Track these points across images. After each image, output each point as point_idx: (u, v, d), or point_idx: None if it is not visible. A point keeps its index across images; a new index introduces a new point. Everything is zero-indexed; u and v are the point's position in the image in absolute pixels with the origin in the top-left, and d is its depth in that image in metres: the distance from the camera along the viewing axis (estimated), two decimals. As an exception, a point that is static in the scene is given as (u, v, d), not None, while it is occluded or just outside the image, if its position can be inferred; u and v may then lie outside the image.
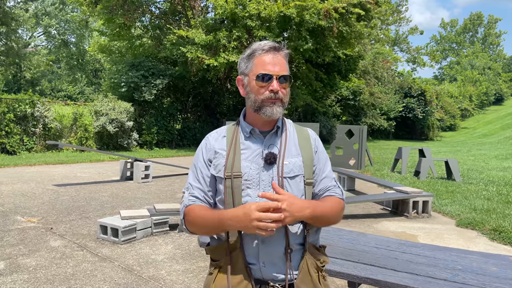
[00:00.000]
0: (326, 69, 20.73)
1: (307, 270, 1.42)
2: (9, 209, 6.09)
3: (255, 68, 1.45)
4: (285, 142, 1.48)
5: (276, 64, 1.44)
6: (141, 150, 16.48)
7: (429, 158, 10.69)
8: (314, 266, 1.44)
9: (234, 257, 1.40)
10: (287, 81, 1.46)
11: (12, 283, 3.50)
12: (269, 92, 1.42)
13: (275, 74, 1.42)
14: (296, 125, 1.59)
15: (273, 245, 1.39)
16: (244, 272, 1.39)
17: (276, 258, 1.40)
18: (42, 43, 41.73)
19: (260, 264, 1.40)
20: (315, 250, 1.47)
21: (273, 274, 1.40)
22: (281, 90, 1.44)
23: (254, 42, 1.55)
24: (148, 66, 17.41)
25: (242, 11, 14.97)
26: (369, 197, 7.18)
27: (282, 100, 1.45)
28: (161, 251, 4.44)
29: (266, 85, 1.43)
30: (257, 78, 1.43)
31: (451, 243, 5.05)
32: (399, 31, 49.11)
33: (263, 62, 1.44)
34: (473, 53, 74.07)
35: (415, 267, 2.37)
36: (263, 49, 1.46)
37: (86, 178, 9.21)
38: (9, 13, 15.47)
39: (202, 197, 1.49)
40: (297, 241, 1.43)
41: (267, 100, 1.43)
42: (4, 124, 13.20)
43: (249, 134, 1.49)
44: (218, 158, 1.48)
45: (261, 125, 1.49)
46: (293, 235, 1.41)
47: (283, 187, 1.41)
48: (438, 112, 37.83)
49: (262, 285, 1.41)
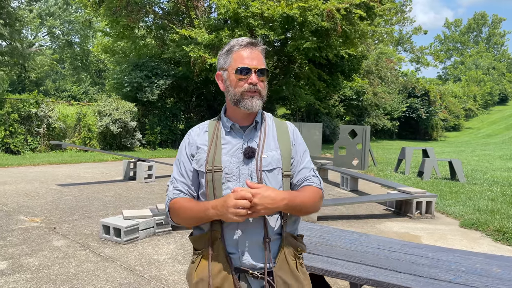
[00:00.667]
0: (329, 69, 20.67)
1: (284, 258, 1.48)
2: (12, 209, 6.11)
3: (234, 63, 1.51)
4: (264, 136, 1.54)
5: (254, 58, 1.51)
6: (145, 150, 16.51)
7: (432, 158, 10.64)
8: (292, 254, 1.50)
9: (216, 247, 1.46)
10: (265, 75, 1.52)
11: (15, 283, 3.51)
12: (248, 85, 1.48)
13: (253, 68, 1.49)
14: (276, 119, 1.65)
15: (252, 235, 1.45)
16: (224, 261, 1.45)
17: (255, 248, 1.46)
18: (46, 43, 41.89)
19: (240, 253, 1.46)
20: (293, 239, 1.52)
21: (252, 263, 1.46)
22: (259, 83, 1.50)
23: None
24: (151, 66, 17.43)
25: (245, 11, 14.97)
26: (372, 198, 7.15)
27: (261, 93, 1.51)
28: (163, 251, 4.44)
29: (245, 78, 1.49)
30: (236, 71, 1.49)
31: (455, 244, 5.02)
32: (402, 31, 48.97)
33: (242, 57, 1.50)
34: (477, 53, 73.73)
35: (417, 269, 2.35)
36: (241, 44, 1.53)
37: (89, 178, 9.23)
38: (13, 13, 15.51)
39: (186, 191, 1.56)
40: (275, 231, 1.48)
41: (246, 93, 1.49)
42: (8, 124, 13.25)
43: (229, 129, 1.55)
44: (200, 153, 1.54)
45: (241, 119, 1.55)
46: (271, 226, 1.47)
47: (261, 180, 1.47)
48: (442, 112, 37.64)
49: (242, 273, 1.47)
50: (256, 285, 1.47)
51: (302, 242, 1.58)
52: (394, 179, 9.65)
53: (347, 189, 8.75)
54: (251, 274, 1.45)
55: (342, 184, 9.01)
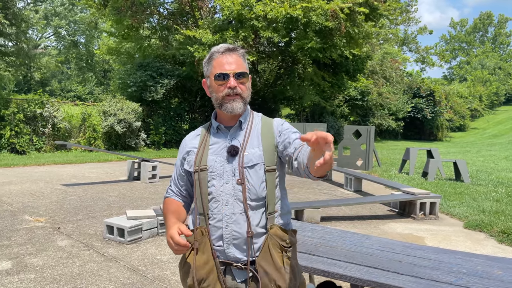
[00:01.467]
0: (333, 69, 20.64)
1: (268, 249, 1.53)
2: (17, 209, 6.16)
3: (214, 69, 1.59)
4: (248, 135, 1.62)
5: (232, 63, 1.58)
6: (149, 150, 16.57)
7: (437, 159, 10.60)
8: (277, 246, 1.54)
9: (202, 241, 1.56)
10: (245, 77, 1.59)
11: (19, 282, 3.54)
12: (227, 89, 1.56)
13: (231, 72, 1.56)
14: (265, 117, 1.72)
15: (236, 229, 1.53)
16: (209, 254, 1.54)
17: (239, 241, 1.53)
18: (52, 43, 42.12)
19: (225, 247, 1.54)
20: (281, 232, 1.56)
21: (236, 256, 1.54)
22: (239, 86, 1.58)
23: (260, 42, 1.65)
24: (156, 66, 17.50)
25: (248, 12, 14.99)
26: (375, 198, 7.14)
27: (241, 95, 1.58)
28: (167, 251, 4.46)
29: (224, 83, 1.57)
30: (215, 77, 1.58)
31: (459, 245, 5.01)
32: (408, 31, 48.82)
33: (220, 63, 1.58)
34: (483, 53, 73.31)
35: (419, 270, 2.35)
36: (218, 51, 1.60)
37: (94, 178, 9.28)
38: (19, 14, 15.61)
39: (177, 191, 1.75)
40: (260, 225, 1.55)
41: (226, 97, 1.57)
42: (14, 124, 13.35)
43: (216, 130, 1.66)
44: (190, 155, 1.67)
45: (227, 120, 1.64)
46: (254, 221, 1.54)
47: (243, 176, 1.54)
48: (447, 112, 37.46)
49: (228, 266, 1.55)
50: (240, 276, 1.55)
51: (293, 235, 1.62)
52: (398, 180, 9.63)
53: (350, 189, 8.73)
54: (235, 266, 1.54)
55: (346, 185, 9.00)
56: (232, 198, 1.54)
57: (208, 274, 1.53)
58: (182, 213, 1.72)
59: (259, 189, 1.55)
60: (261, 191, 1.55)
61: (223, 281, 1.53)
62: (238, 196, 1.53)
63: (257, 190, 1.55)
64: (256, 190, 1.54)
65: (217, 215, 1.55)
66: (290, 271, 1.55)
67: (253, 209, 1.54)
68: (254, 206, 1.54)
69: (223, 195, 1.55)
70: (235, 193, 1.54)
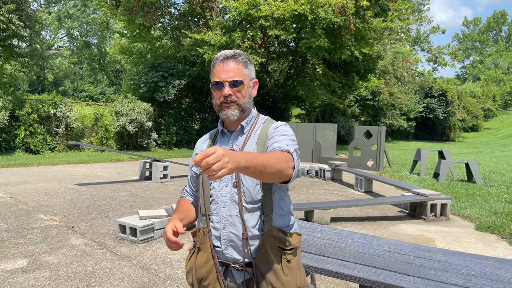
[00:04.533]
0: (344, 69, 20.58)
1: (264, 252, 1.54)
2: (32, 208, 6.28)
3: (213, 77, 1.63)
4: (248, 139, 1.64)
5: (228, 71, 1.59)
6: (160, 150, 16.71)
7: (449, 159, 10.52)
8: (275, 248, 1.55)
9: (204, 241, 1.61)
10: (241, 85, 1.60)
11: (34, 280, 3.63)
12: (223, 97, 1.59)
13: (225, 81, 1.58)
14: (269, 121, 1.70)
15: (232, 231, 1.56)
16: (209, 254, 1.59)
17: (235, 243, 1.56)
18: (64, 44, 42.65)
19: (223, 248, 1.58)
20: (280, 234, 1.57)
21: (234, 257, 1.57)
22: (235, 94, 1.60)
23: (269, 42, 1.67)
24: (167, 67, 17.63)
25: (256, 12, 15.01)
26: (386, 199, 7.12)
27: (237, 102, 1.60)
28: (178, 251, 4.51)
29: (220, 91, 1.60)
30: (211, 86, 1.63)
31: (470, 246, 4.98)
32: (420, 30, 48.35)
33: (217, 71, 1.61)
34: (496, 52, 72.28)
35: (427, 272, 2.37)
36: (217, 59, 1.63)
37: (106, 178, 9.41)
38: (32, 15, 15.85)
39: (190, 192, 1.82)
40: (256, 227, 1.56)
41: (222, 104, 1.61)
42: (28, 124, 13.57)
43: (221, 134, 1.71)
44: None
45: (231, 125, 1.67)
46: (250, 222, 1.56)
47: (239, 179, 1.57)
48: (460, 112, 37.04)
49: (227, 266, 1.59)
50: (239, 277, 1.57)
51: (293, 237, 1.60)
52: (409, 181, 9.58)
53: (361, 190, 8.72)
54: (233, 267, 1.57)
55: (356, 186, 8.99)
56: (229, 201, 1.57)
57: (208, 273, 1.58)
58: (191, 212, 1.77)
59: (254, 191, 1.56)
60: (256, 193, 1.56)
61: (222, 281, 1.56)
62: (234, 198, 1.57)
63: (252, 193, 1.56)
64: (251, 193, 1.56)
65: (216, 217, 1.59)
66: (289, 274, 1.55)
67: (249, 211, 1.56)
68: (249, 208, 1.56)
69: (221, 198, 1.59)
70: (231, 195, 1.57)
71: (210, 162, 1.15)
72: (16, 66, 18.20)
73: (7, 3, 13.80)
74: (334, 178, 10.32)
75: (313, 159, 13.87)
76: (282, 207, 1.62)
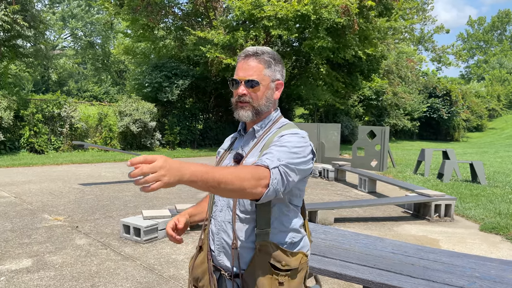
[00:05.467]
0: (348, 69, 20.54)
1: (253, 266, 1.42)
2: (37, 207, 6.31)
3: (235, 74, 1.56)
4: (255, 144, 1.55)
5: (247, 69, 1.51)
6: (164, 150, 16.74)
7: (453, 160, 10.48)
8: (267, 267, 1.41)
9: (204, 242, 1.59)
10: (257, 85, 1.51)
11: (39, 280, 3.65)
12: (237, 96, 1.53)
13: (241, 79, 1.51)
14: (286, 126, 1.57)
15: (224, 237, 1.49)
16: (205, 256, 1.56)
17: (228, 250, 1.48)
18: (68, 44, 42.80)
19: (216, 253, 1.52)
20: (277, 251, 1.43)
21: (226, 265, 1.49)
22: (251, 94, 1.51)
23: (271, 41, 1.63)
24: (171, 67, 17.67)
25: (259, 12, 15.01)
26: (390, 200, 7.11)
27: (251, 103, 1.52)
28: (182, 251, 4.53)
29: (236, 90, 1.53)
30: (229, 83, 1.56)
31: (474, 247, 4.97)
32: (424, 30, 48.15)
33: (237, 68, 1.54)
34: (501, 52, 71.93)
35: (431, 274, 2.36)
36: (240, 55, 1.56)
37: (110, 178, 9.44)
38: (37, 16, 15.92)
39: None
40: (247, 239, 1.44)
41: (236, 104, 1.54)
42: (33, 124, 13.64)
43: (239, 135, 1.66)
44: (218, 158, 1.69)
45: (248, 127, 1.61)
46: (241, 231, 1.45)
47: None
48: (464, 112, 36.88)
49: (220, 272, 1.51)
50: (230, 286, 1.48)
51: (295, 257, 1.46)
52: (413, 181, 9.56)
53: (365, 191, 8.71)
54: (222, 275, 1.50)
55: (360, 186, 8.98)
56: (226, 206, 1.50)
57: (203, 274, 1.55)
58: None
59: (247, 201, 1.45)
60: (249, 204, 1.45)
61: (214, 285, 1.50)
62: (230, 204, 1.49)
63: (245, 202, 1.45)
64: (244, 202, 1.46)
65: (213, 220, 1.55)
66: None
67: (242, 221, 1.46)
68: (242, 218, 1.46)
69: (220, 201, 1.53)
70: (228, 201, 1.50)
71: (145, 170, 1.03)
72: (20, 66, 18.32)
73: (11, 3, 13.87)
74: (338, 178, 10.31)
75: (317, 159, 13.86)
76: (283, 223, 1.47)
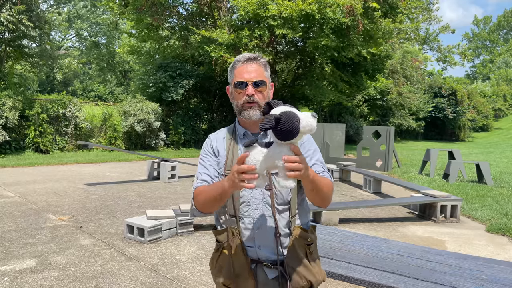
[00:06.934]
0: (352, 69, 20.46)
1: (294, 249, 1.62)
2: (41, 207, 6.32)
3: (235, 78, 1.68)
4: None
5: (251, 72, 1.65)
6: (168, 150, 16.75)
7: (459, 160, 10.40)
8: (301, 245, 1.64)
9: (234, 240, 1.63)
10: (263, 86, 1.66)
11: (43, 280, 3.65)
12: (246, 97, 1.64)
13: (249, 80, 1.64)
14: None
15: (265, 230, 1.62)
16: (241, 253, 1.62)
17: (268, 242, 1.62)
18: (74, 45, 42.95)
19: (256, 247, 1.63)
20: (303, 232, 1.66)
21: (267, 255, 1.63)
22: (257, 94, 1.65)
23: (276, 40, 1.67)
24: (175, 66, 17.68)
25: (264, 11, 14.99)
26: (395, 200, 7.06)
27: (259, 103, 1.65)
28: (186, 251, 4.52)
29: (243, 91, 1.65)
30: (235, 85, 1.67)
31: (480, 249, 4.91)
32: (429, 30, 47.90)
33: (240, 71, 1.66)
34: (507, 51, 71.43)
35: (438, 276, 2.32)
36: (239, 60, 1.69)
37: (114, 178, 9.44)
38: (42, 16, 15.97)
39: (210, 180, 1.68)
40: (285, 226, 1.64)
41: (244, 104, 1.65)
42: (38, 124, 13.68)
43: (242, 136, 1.71)
44: (219, 157, 1.72)
45: (251, 126, 1.70)
46: (281, 222, 1.63)
47: (271, 182, 1.60)
48: (469, 112, 36.62)
49: (258, 264, 1.64)
50: (271, 274, 1.63)
51: (312, 233, 1.72)
52: (419, 182, 9.49)
53: (370, 191, 8.66)
54: (265, 265, 1.62)
55: (365, 186, 8.93)
56: (261, 203, 1.63)
57: (241, 270, 1.62)
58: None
59: (285, 194, 1.64)
60: (287, 195, 1.64)
61: (254, 278, 1.62)
62: (266, 200, 1.63)
63: (284, 195, 1.64)
64: (282, 195, 1.64)
65: (248, 218, 1.64)
66: (315, 265, 1.66)
67: (280, 213, 1.63)
68: (280, 209, 1.64)
69: (253, 200, 1.63)
70: (264, 198, 1.63)
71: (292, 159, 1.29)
72: (26, 66, 18.37)
73: (17, 4, 13.92)
74: (342, 178, 10.26)
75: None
76: (304, 207, 1.72)
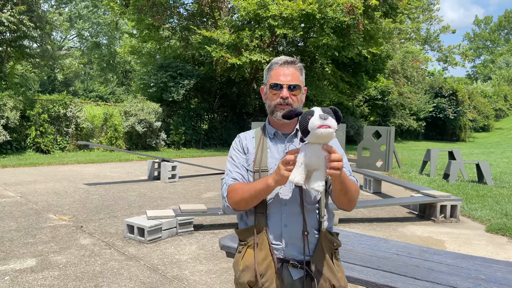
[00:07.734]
0: (353, 69, 20.47)
1: (321, 251, 1.64)
2: (42, 207, 6.34)
3: (271, 79, 1.73)
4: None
5: (287, 75, 1.70)
6: (169, 150, 16.77)
7: (459, 160, 10.40)
8: (328, 248, 1.66)
9: (260, 238, 1.64)
10: (297, 90, 1.71)
11: (43, 280, 3.66)
12: (280, 99, 1.68)
13: (285, 83, 1.69)
14: None
15: (293, 228, 1.63)
16: (268, 251, 1.62)
17: (296, 240, 1.63)
18: (75, 45, 43.01)
19: (283, 245, 1.63)
20: (330, 235, 1.68)
21: (293, 254, 1.63)
22: (291, 97, 1.69)
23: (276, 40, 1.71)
24: (176, 67, 17.70)
25: (265, 12, 15.01)
26: (395, 201, 7.07)
27: (292, 106, 1.69)
28: (185, 251, 4.53)
29: (278, 92, 1.69)
30: (270, 86, 1.72)
31: (480, 249, 4.92)
32: (430, 30, 47.86)
33: (277, 74, 1.71)
34: (508, 51, 71.37)
35: (436, 276, 2.33)
36: (277, 62, 1.74)
37: (115, 178, 9.46)
38: (43, 16, 15.99)
39: (241, 179, 1.72)
40: (313, 226, 1.65)
41: (278, 106, 1.69)
42: (39, 124, 13.70)
43: (273, 135, 1.75)
44: (249, 155, 1.75)
45: (282, 127, 1.74)
46: (309, 221, 1.64)
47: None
48: (470, 112, 36.60)
49: (284, 263, 1.64)
50: (296, 274, 1.63)
51: (337, 238, 1.74)
52: (419, 182, 9.50)
53: (370, 191, 8.66)
54: (291, 264, 1.62)
55: (365, 186, 8.93)
56: (291, 200, 1.64)
57: (267, 269, 1.61)
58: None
59: (314, 193, 1.66)
60: (317, 195, 1.66)
61: (280, 277, 1.62)
62: (296, 198, 1.64)
63: (312, 194, 1.66)
64: (311, 194, 1.65)
65: (276, 215, 1.64)
66: (339, 271, 1.67)
67: (308, 211, 1.65)
68: (309, 208, 1.65)
69: (282, 197, 1.64)
70: (293, 195, 1.64)
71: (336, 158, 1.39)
72: (27, 66, 18.39)
73: (18, 4, 13.95)
74: (343, 178, 10.24)
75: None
76: (329, 210, 1.74)
